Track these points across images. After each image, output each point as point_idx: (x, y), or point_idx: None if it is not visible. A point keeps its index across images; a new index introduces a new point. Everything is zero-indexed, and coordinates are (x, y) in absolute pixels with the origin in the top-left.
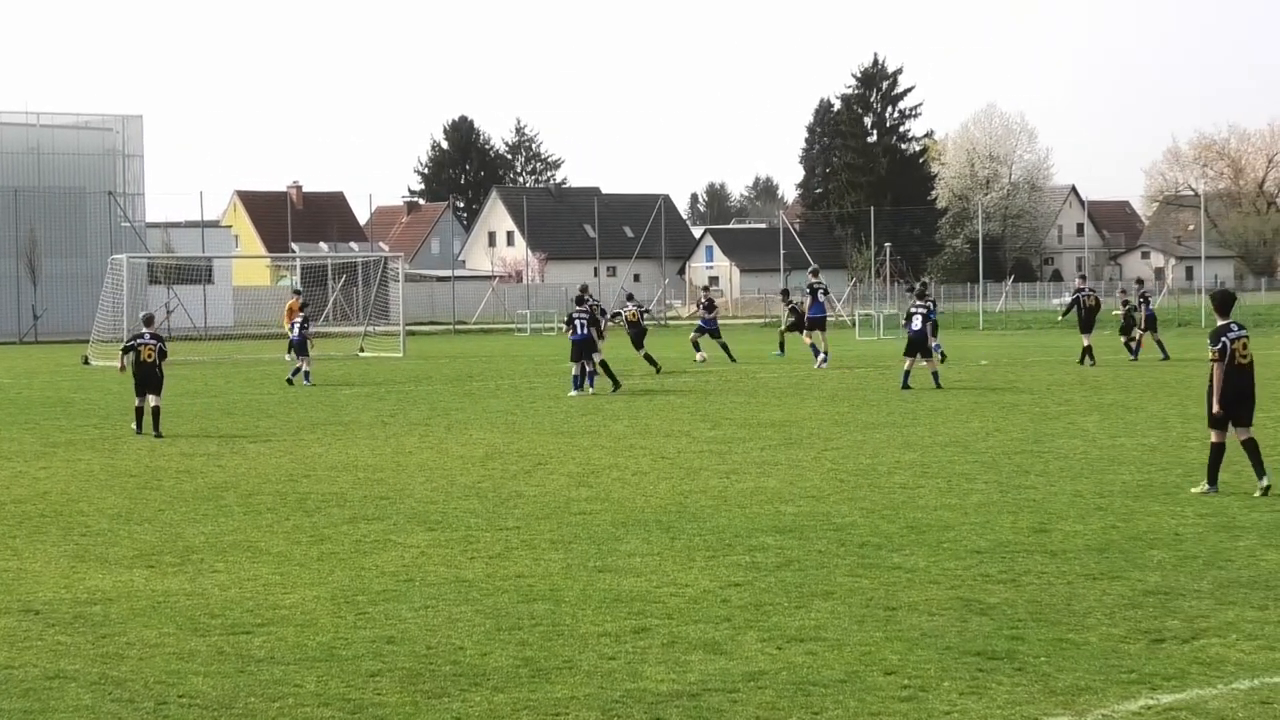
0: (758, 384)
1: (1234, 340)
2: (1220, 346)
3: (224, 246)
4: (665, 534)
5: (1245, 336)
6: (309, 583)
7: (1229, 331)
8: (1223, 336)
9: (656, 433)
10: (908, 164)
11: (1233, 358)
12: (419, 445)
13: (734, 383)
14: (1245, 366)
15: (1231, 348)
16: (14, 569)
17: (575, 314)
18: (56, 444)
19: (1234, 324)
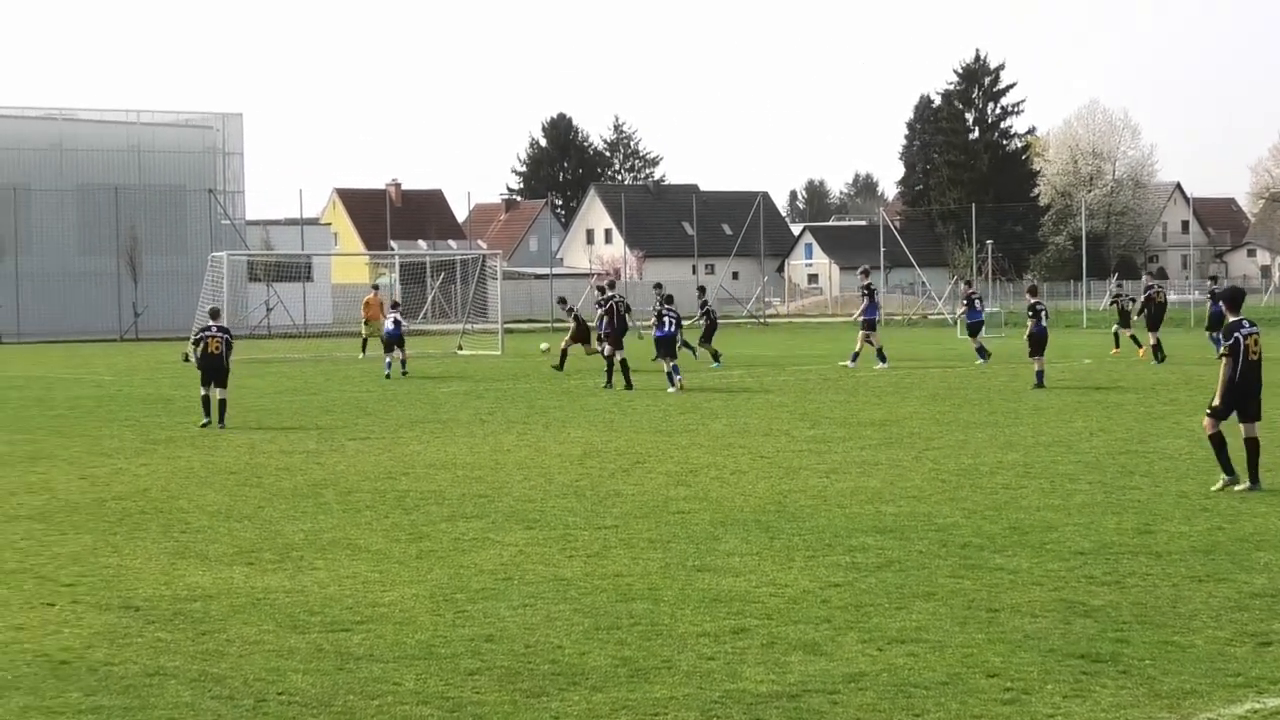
0: (858, 383)
1: (1247, 336)
2: (1233, 342)
3: (323, 244)
4: (764, 534)
5: (1257, 333)
6: (408, 580)
7: (1241, 328)
8: (1235, 333)
9: (755, 431)
10: (1009, 161)
11: (1245, 353)
12: (517, 443)
13: (833, 381)
14: (1255, 362)
15: (1245, 343)
16: (114, 565)
17: (664, 311)
18: (157, 441)
19: (1245, 320)
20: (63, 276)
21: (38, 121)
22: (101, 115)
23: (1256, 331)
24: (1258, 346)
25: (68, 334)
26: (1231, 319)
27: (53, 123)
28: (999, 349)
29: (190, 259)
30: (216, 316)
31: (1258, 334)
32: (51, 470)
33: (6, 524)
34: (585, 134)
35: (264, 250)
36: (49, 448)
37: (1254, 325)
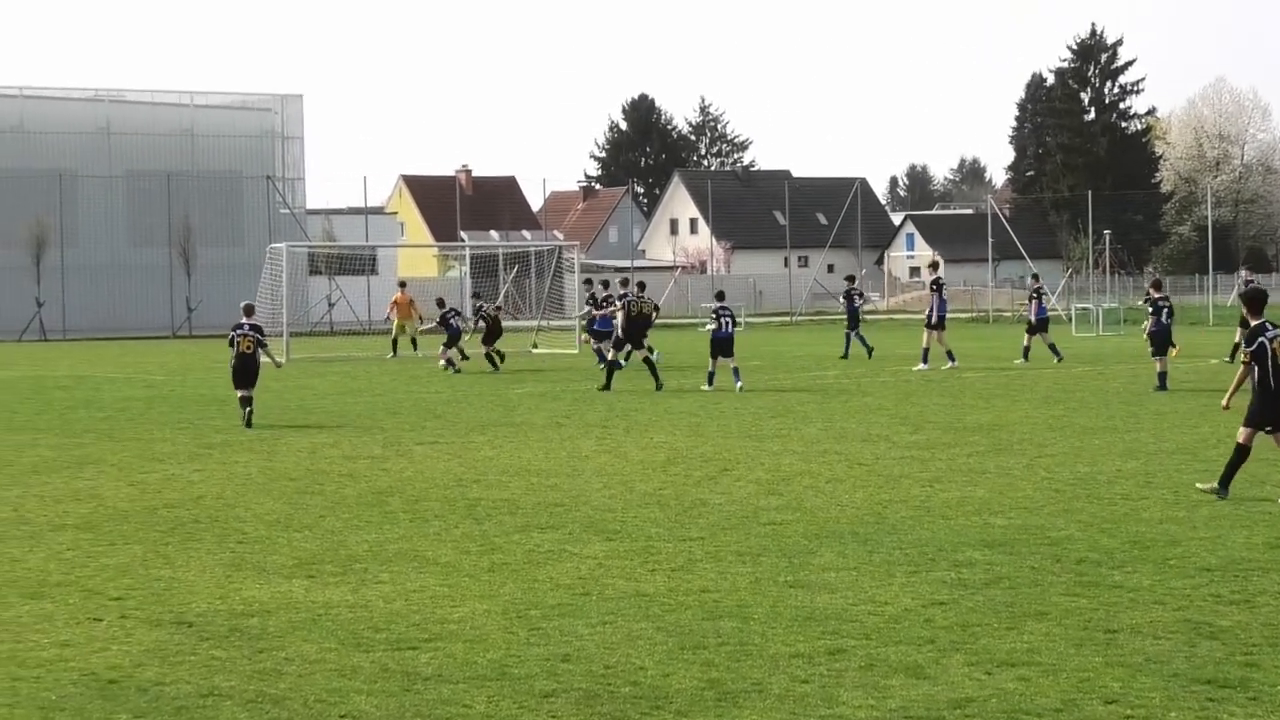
0: (963, 385)
1: (1273, 339)
2: (1257, 347)
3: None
4: (862, 547)
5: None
6: (479, 595)
7: (1265, 331)
8: (1260, 336)
9: (852, 437)
10: (1129, 144)
11: (1273, 357)
12: (596, 448)
13: (937, 383)
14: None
15: (1271, 347)
16: (166, 578)
17: (719, 310)
18: (211, 445)
19: (1269, 323)
20: (111, 269)
21: (84, 104)
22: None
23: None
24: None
25: (117, 331)
26: (1254, 321)
27: (100, 105)
28: (1116, 348)
29: (247, 250)
30: (250, 314)
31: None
32: (99, 476)
33: (52, 533)
34: (669, 116)
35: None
36: (97, 452)
37: (1278, 327)
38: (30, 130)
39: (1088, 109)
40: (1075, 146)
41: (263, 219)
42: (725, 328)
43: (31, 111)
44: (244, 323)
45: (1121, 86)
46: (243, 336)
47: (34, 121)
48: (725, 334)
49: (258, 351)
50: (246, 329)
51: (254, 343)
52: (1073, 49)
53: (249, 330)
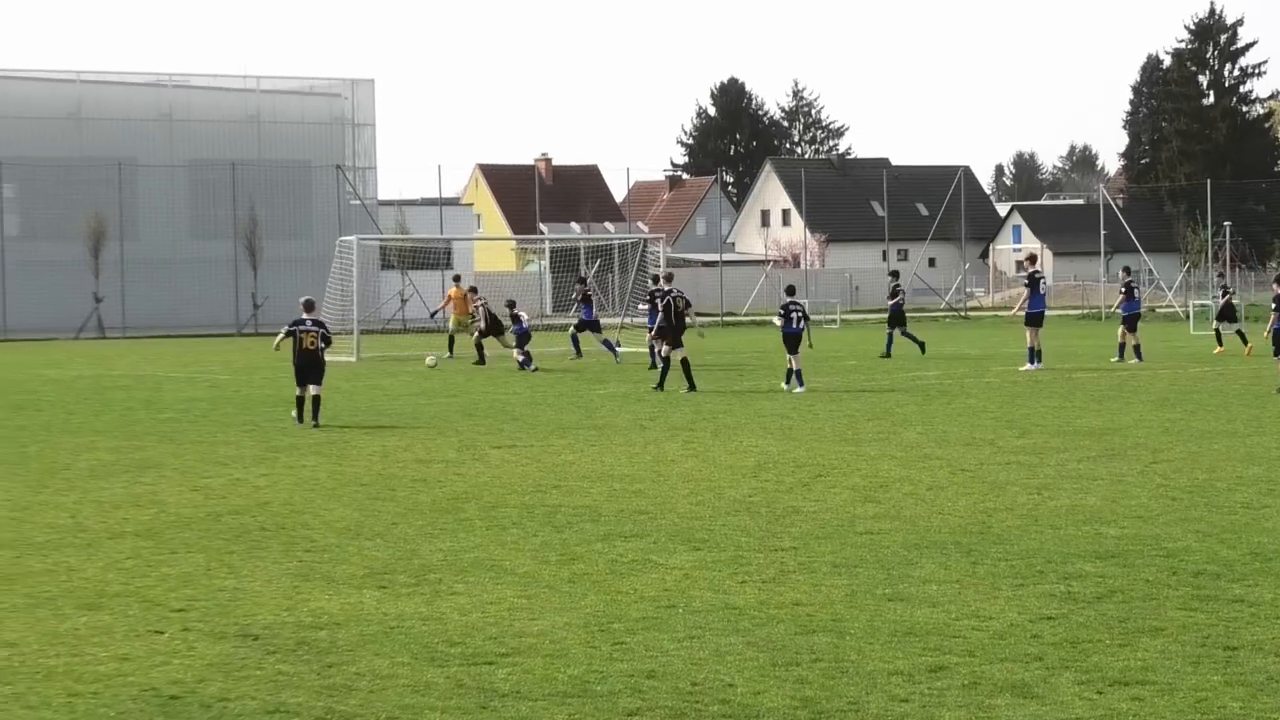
0: (1073, 385)
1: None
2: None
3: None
4: (965, 558)
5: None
6: (559, 607)
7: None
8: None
9: (955, 441)
10: (1250, 130)
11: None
12: (682, 453)
13: (1045, 384)
14: None
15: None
16: (230, 589)
17: (789, 305)
18: (278, 448)
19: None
20: (172, 263)
21: (144, 89)
22: (216, 81)
23: None
24: None
25: (178, 328)
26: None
27: (161, 90)
28: (1236, 347)
29: (316, 243)
30: (311, 309)
31: None
32: (160, 481)
33: (111, 541)
34: (760, 101)
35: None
36: (158, 456)
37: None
38: (88, 117)
39: (1206, 93)
40: (1193, 133)
41: (332, 210)
42: (795, 323)
43: (89, 97)
44: (305, 318)
45: (1242, 69)
46: (305, 332)
47: (92, 108)
48: (795, 330)
49: (322, 348)
50: (309, 324)
51: (318, 337)
52: (1190, 29)
53: (311, 325)
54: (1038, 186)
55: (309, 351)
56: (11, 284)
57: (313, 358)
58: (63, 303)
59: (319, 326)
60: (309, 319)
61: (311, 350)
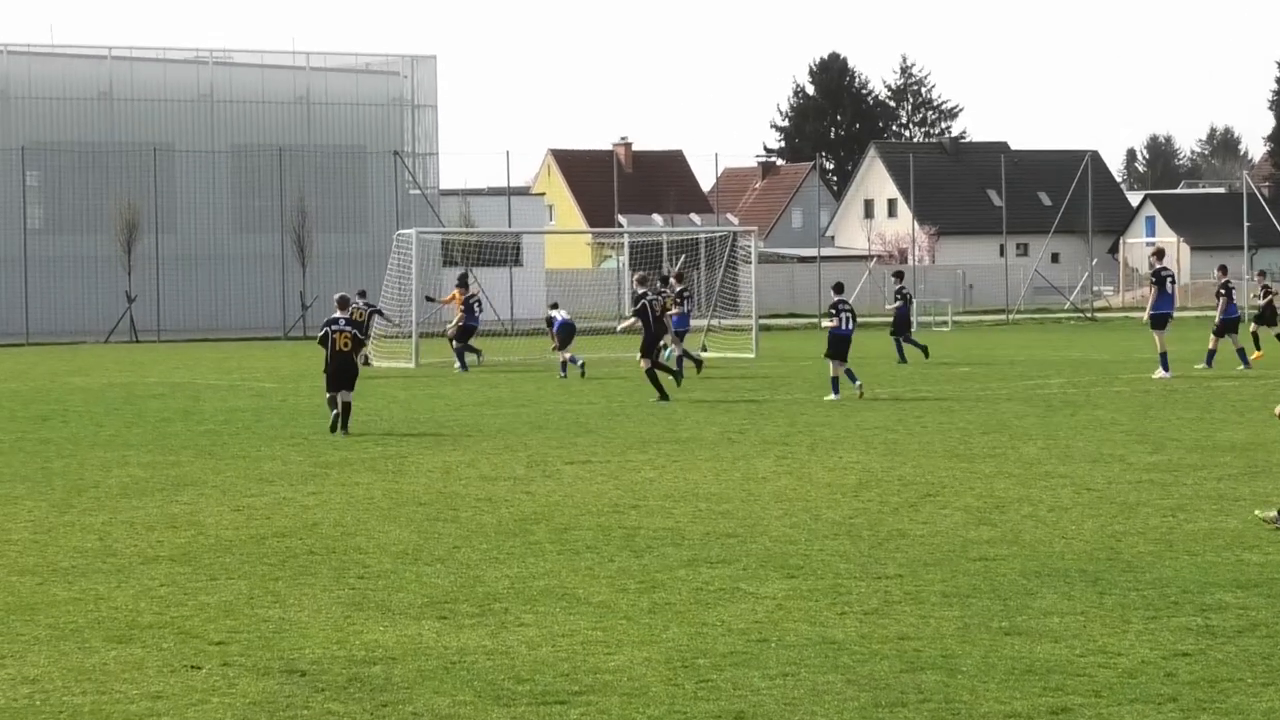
0: (1213, 395)
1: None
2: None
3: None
4: (1091, 587)
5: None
6: (638, 641)
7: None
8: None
9: (1080, 457)
10: None
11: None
12: (775, 469)
13: (1182, 394)
14: None
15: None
16: (275, 619)
17: (838, 304)
18: (329, 464)
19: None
20: (213, 259)
21: (183, 66)
22: (262, 59)
23: None
24: None
25: (219, 331)
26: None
27: (202, 67)
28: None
29: (371, 237)
30: (345, 306)
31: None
32: (199, 500)
33: (144, 566)
34: (864, 79)
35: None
36: (196, 472)
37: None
38: (120, 98)
39: None
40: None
41: (389, 200)
42: (845, 325)
43: (122, 76)
44: (338, 317)
45: None
46: (339, 333)
47: (124, 87)
48: (844, 332)
49: (354, 350)
50: (343, 324)
51: (351, 339)
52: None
53: (345, 325)
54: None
55: (342, 354)
56: (35, 282)
57: (346, 360)
58: (91, 303)
59: (352, 327)
60: (342, 318)
61: (345, 352)
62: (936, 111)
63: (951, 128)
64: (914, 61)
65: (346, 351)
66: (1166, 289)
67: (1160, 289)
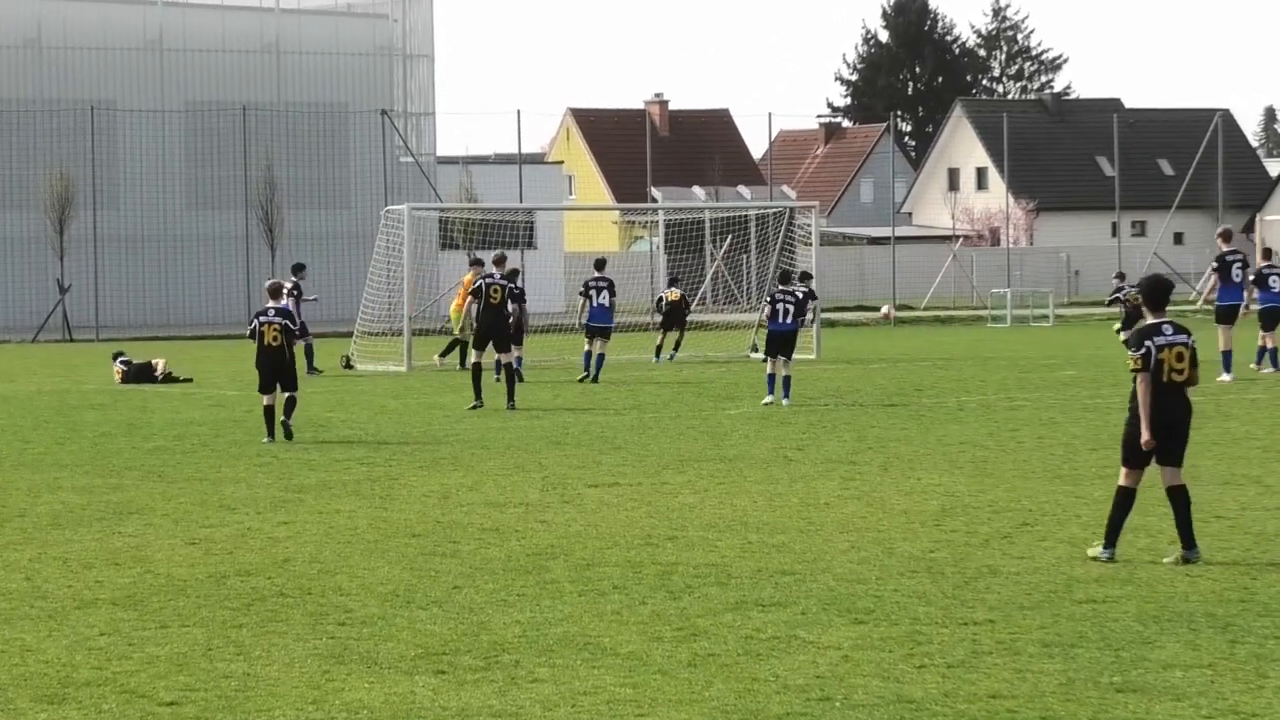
0: None
1: (1164, 347)
2: (1144, 353)
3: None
4: (1221, 634)
5: (1185, 344)
6: (676, 699)
7: (1159, 334)
8: (1148, 340)
9: (1208, 478)
10: None
11: (1160, 371)
12: (839, 493)
13: None
14: (1178, 385)
15: (1159, 357)
16: (239, 674)
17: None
18: (304, 488)
19: (1168, 324)
20: (163, 241)
21: (127, 7)
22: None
23: (1185, 341)
24: (1181, 364)
25: (171, 327)
26: (1149, 320)
27: (149, 9)
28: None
29: (354, 214)
30: (278, 295)
31: (1186, 346)
32: (147, 531)
33: (79, 612)
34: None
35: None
36: (143, 497)
37: (1181, 332)
38: (52, 46)
39: None
40: None
41: (376, 171)
42: (782, 318)
43: (53, 20)
44: (269, 307)
45: None
46: (267, 325)
47: (57, 34)
48: (781, 326)
49: (290, 346)
50: (272, 315)
51: (282, 331)
52: None
53: (274, 316)
54: None
55: (271, 349)
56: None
57: (276, 357)
58: (15, 294)
59: (283, 317)
60: (272, 308)
61: (275, 347)
62: (1036, 62)
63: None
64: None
65: (276, 346)
66: (1233, 276)
67: (1225, 276)
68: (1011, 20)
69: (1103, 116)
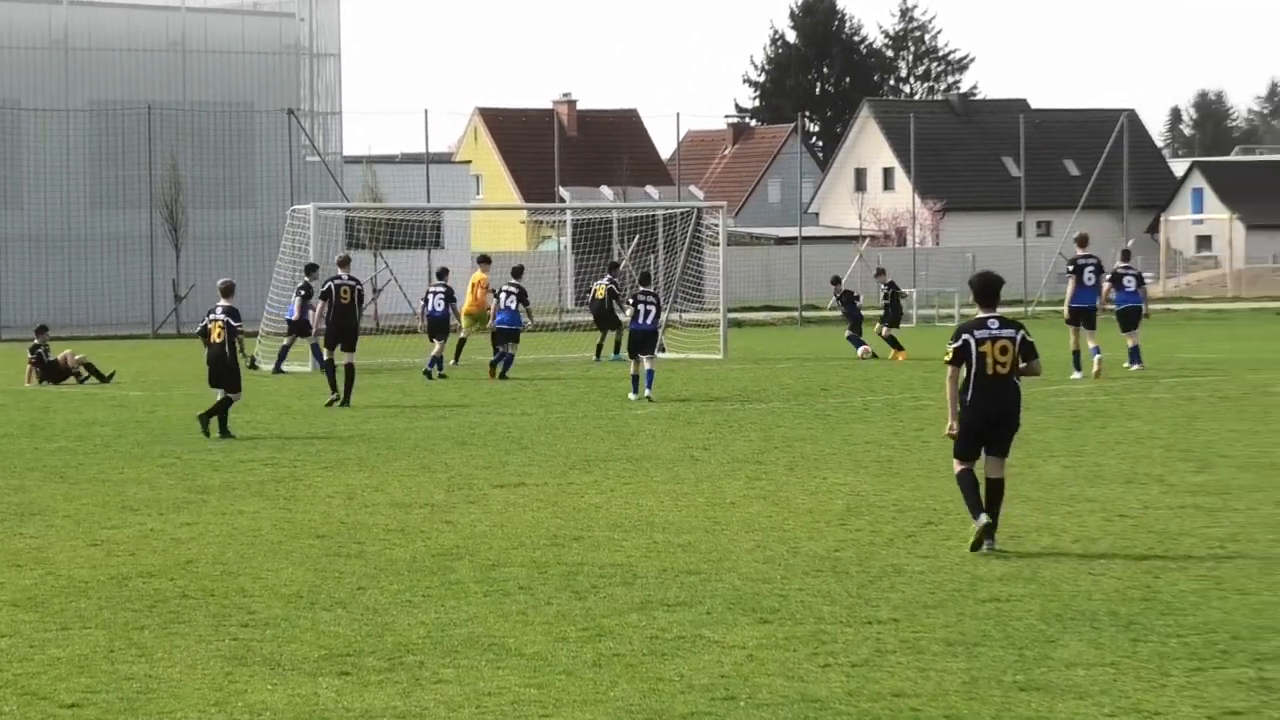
0: (1270, 403)
1: (986, 341)
2: (960, 345)
3: (459, 192)
4: (1124, 633)
5: (1010, 338)
6: (581, 699)
7: (982, 328)
8: (966, 334)
9: (1111, 477)
10: None
11: (983, 366)
12: (745, 493)
13: (1234, 401)
14: (1004, 379)
15: (980, 350)
16: (141, 676)
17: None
18: (207, 489)
19: (995, 319)
20: (66, 240)
21: (32, 6)
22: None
23: (1009, 335)
24: (1005, 357)
25: (73, 327)
26: (980, 314)
27: (54, 7)
28: None
29: (260, 214)
30: (229, 294)
31: (1010, 339)
32: (48, 533)
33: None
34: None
35: (370, 201)
36: (45, 498)
37: (1009, 326)
38: None
39: None
40: None
41: (282, 169)
42: (644, 318)
43: None
44: (218, 305)
45: None
46: (213, 322)
47: None
48: (644, 326)
49: (232, 344)
50: (219, 312)
51: (225, 329)
52: None
53: (220, 314)
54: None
55: (216, 346)
56: None
57: (217, 354)
58: None
59: (229, 315)
60: (220, 306)
61: (218, 344)
62: (943, 63)
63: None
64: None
65: (219, 343)
66: (1085, 280)
67: (1078, 279)
68: (919, 21)
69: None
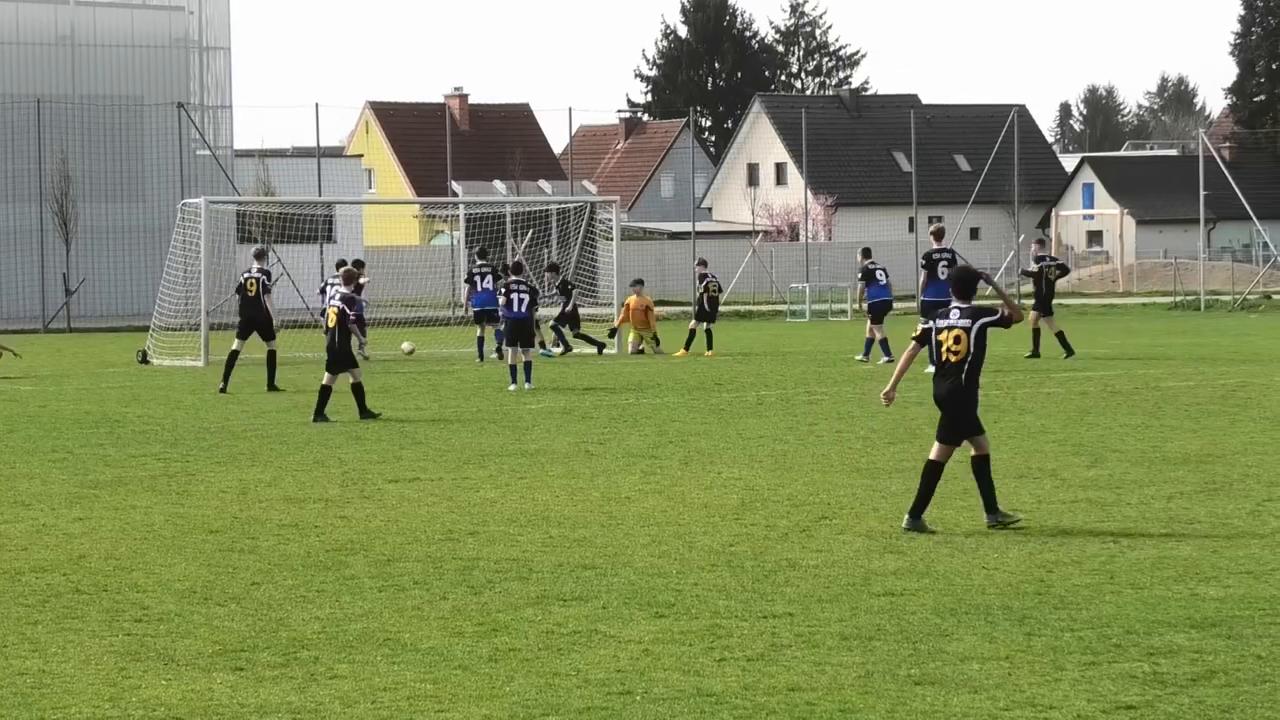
0: (1163, 397)
1: (943, 330)
2: (926, 327)
3: (351, 186)
4: (1018, 627)
5: (964, 327)
6: (477, 694)
7: (945, 316)
8: (933, 319)
9: (1005, 471)
10: None
11: (939, 350)
12: (640, 487)
13: (1126, 395)
14: (953, 365)
15: (937, 337)
16: (34, 671)
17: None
18: (99, 484)
19: (958, 308)
20: None
21: None
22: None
23: (964, 325)
24: (959, 346)
25: None
26: (955, 304)
27: None
28: None
29: (150, 207)
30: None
31: (966, 330)
32: None
33: None
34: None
35: (262, 196)
36: None
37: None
38: None
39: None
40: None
41: (172, 163)
42: (517, 306)
43: None
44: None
45: None
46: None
47: None
48: (518, 314)
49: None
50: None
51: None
52: None
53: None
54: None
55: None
56: None
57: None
58: None
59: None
60: (339, 291)
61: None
62: (834, 59)
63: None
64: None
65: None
66: (939, 274)
67: (931, 273)
68: (810, 17)
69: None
